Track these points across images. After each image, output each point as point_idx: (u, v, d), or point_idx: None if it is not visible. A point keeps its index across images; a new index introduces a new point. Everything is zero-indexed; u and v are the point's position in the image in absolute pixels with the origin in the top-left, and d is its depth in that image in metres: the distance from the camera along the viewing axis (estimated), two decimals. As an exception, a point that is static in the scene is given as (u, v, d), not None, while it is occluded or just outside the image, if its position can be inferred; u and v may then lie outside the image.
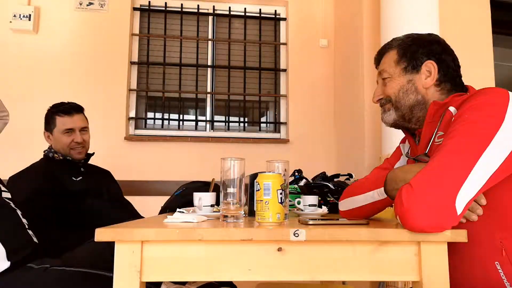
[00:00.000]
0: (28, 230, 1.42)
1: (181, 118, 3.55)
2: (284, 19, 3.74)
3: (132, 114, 3.43)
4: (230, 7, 3.67)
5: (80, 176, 2.03)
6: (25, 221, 1.43)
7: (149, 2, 3.56)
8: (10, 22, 3.16)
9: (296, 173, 2.02)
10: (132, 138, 3.31)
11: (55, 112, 2.03)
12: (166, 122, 3.52)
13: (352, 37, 3.27)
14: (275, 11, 3.77)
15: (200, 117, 3.59)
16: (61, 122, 2.01)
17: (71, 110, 2.04)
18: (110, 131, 3.24)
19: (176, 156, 3.32)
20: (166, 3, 3.58)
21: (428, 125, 1.11)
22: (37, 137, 2.08)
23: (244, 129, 3.63)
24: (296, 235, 0.85)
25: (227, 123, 3.62)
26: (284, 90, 3.67)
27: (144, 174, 3.24)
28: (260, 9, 3.72)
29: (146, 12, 3.57)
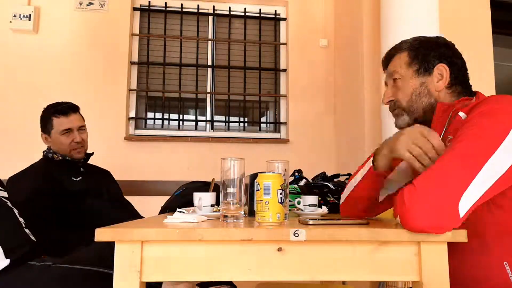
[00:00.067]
0: (25, 229, 1.42)
1: (181, 118, 3.55)
2: (284, 19, 3.74)
3: (132, 114, 3.43)
4: (230, 7, 3.67)
5: (80, 176, 2.03)
6: (22, 220, 1.43)
7: (149, 2, 3.56)
8: (10, 22, 3.16)
9: (296, 173, 2.02)
10: (132, 138, 3.31)
11: (51, 113, 2.00)
12: (166, 122, 3.52)
13: (352, 37, 3.27)
14: (275, 11, 3.76)
15: (200, 117, 3.59)
16: (58, 123, 1.99)
17: (68, 110, 2.01)
18: (110, 131, 3.24)
19: (176, 156, 3.32)
20: (166, 3, 3.58)
21: (434, 126, 1.10)
22: (37, 137, 2.08)
23: (244, 129, 3.63)
24: (296, 235, 0.85)
25: (227, 123, 3.62)
26: (284, 90, 3.67)
27: (144, 174, 3.24)
28: (260, 9, 3.72)
29: (146, 12, 3.57)
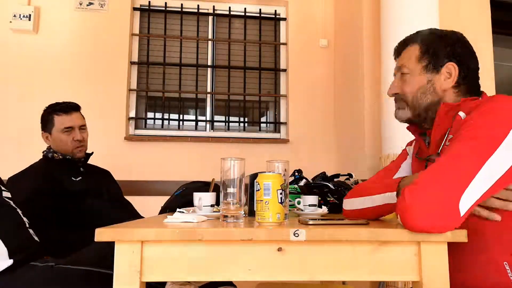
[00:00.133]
0: (29, 229, 1.42)
1: (181, 118, 3.55)
2: (284, 19, 3.74)
3: (132, 114, 3.43)
4: (230, 7, 3.67)
5: (80, 176, 2.03)
6: (25, 219, 1.43)
7: (149, 2, 3.56)
8: (10, 22, 3.16)
9: (296, 173, 2.02)
10: (132, 138, 3.31)
11: (53, 112, 2.01)
12: (166, 122, 3.51)
13: (352, 37, 3.27)
14: (275, 11, 3.76)
15: (200, 117, 3.59)
16: (60, 121, 2.00)
17: (69, 109, 2.03)
18: (110, 131, 3.24)
19: (176, 156, 3.32)
20: (166, 3, 3.58)
21: (437, 126, 1.10)
22: (37, 137, 2.08)
23: (244, 129, 3.63)
24: (296, 235, 0.85)
25: (227, 123, 3.62)
26: (284, 90, 3.67)
27: (144, 174, 3.24)
28: (260, 9, 3.72)
29: (146, 12, 3.57)
